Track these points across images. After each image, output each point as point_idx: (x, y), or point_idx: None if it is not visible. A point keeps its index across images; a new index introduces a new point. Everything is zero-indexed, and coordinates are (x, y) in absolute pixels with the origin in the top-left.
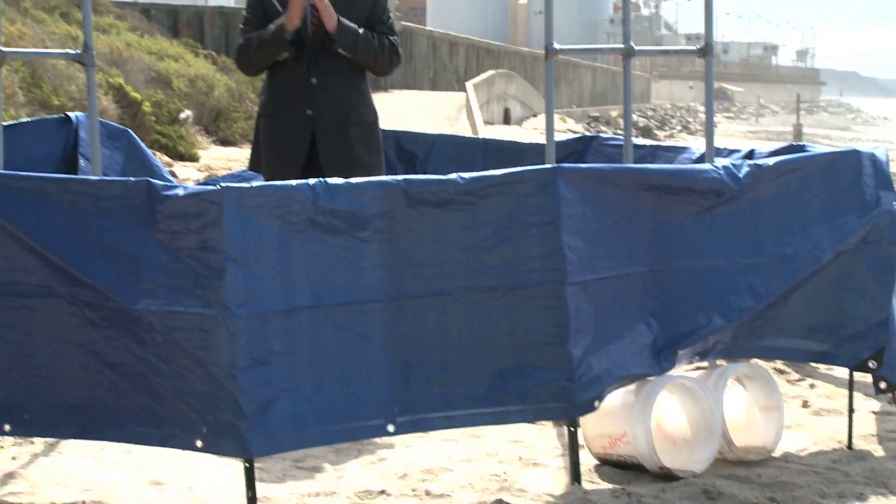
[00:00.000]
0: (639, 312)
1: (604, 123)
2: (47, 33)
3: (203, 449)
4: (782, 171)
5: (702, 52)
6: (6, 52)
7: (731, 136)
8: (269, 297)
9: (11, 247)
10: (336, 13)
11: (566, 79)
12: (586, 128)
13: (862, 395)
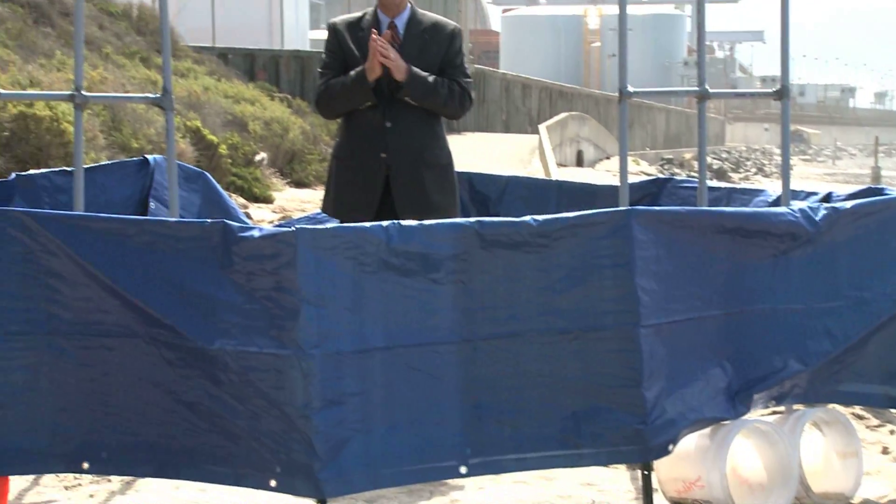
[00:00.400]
0: (713, 356)
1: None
2: (128, 78)
3: (277, 489)
4: (860, 214)
5: (778, 94)
6: (88, 97)
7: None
8: (343, 338)
9: (91, 287)
10: (406, 62)
11: (640, 121)
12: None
13: None
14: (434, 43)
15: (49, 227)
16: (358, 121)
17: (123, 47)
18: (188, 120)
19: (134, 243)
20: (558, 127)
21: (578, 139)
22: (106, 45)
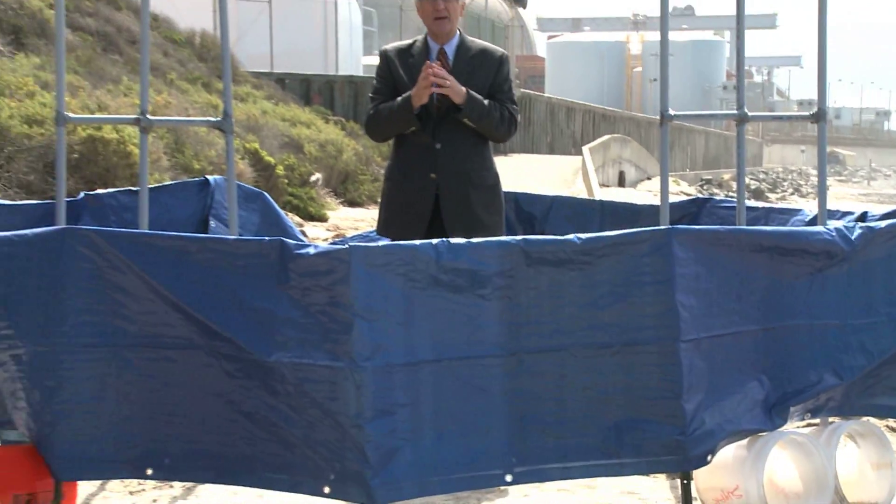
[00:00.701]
0: (751, 369)
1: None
2: (190, 102)
3: (330, 495)
4: (895, 233)
5: (815, 117)
6: (152, 121)
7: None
8: (394, 351)
9: (155, 301)
10: (463, 85)
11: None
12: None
13: None
14: (483, 69)
15: (116, 245)
16: (409, 143)
17: (186, 73)
18: (247, 142)
19: (195, 260)
20: (601, 148)
21: (620, 160)
22: (170, 71)
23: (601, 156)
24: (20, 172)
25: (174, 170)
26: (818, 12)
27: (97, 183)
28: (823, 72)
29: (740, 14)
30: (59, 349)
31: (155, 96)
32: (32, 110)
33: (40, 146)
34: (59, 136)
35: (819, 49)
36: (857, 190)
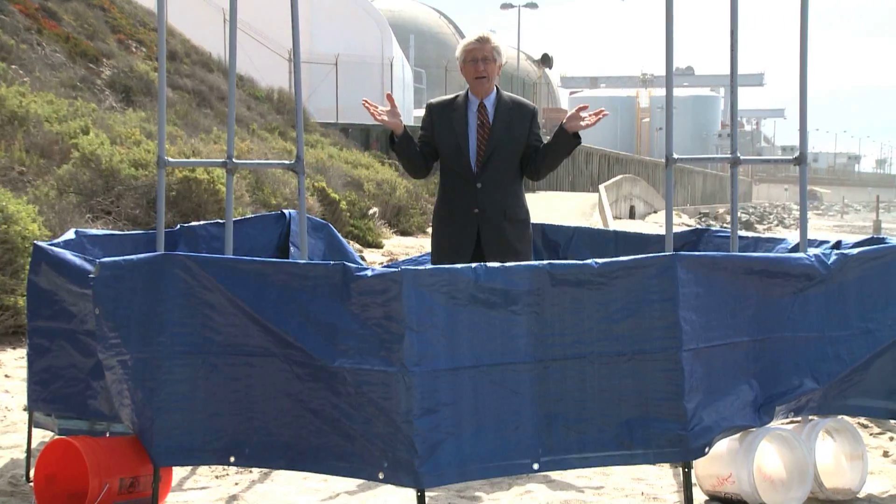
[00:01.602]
0: (743, 374)
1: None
2: (269, 148)
3: (384, 480)
4: (865, 258)
5: (796, 161)
6: (237, 163)
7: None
8: (439, 358)
9: (238, 316)
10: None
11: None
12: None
13: None
14: (518, 120)
15: (206, 268)
16: (454, 183)
17: (266, 124)
18: (316, 181)
19: (272, 281)
20: (614, 187)
21: (631, 196)
22: (252, 122)
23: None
24: (128, 207)
25: (255, 205)
26: (800, 74)
27: (191, 216)
28: (804, 123)
29: (733, 74)
30: (157, 356)
31: (239, 143)
32: (138, 156)
33: (144, 185)
34: (159, 177)
35: (801, 104)
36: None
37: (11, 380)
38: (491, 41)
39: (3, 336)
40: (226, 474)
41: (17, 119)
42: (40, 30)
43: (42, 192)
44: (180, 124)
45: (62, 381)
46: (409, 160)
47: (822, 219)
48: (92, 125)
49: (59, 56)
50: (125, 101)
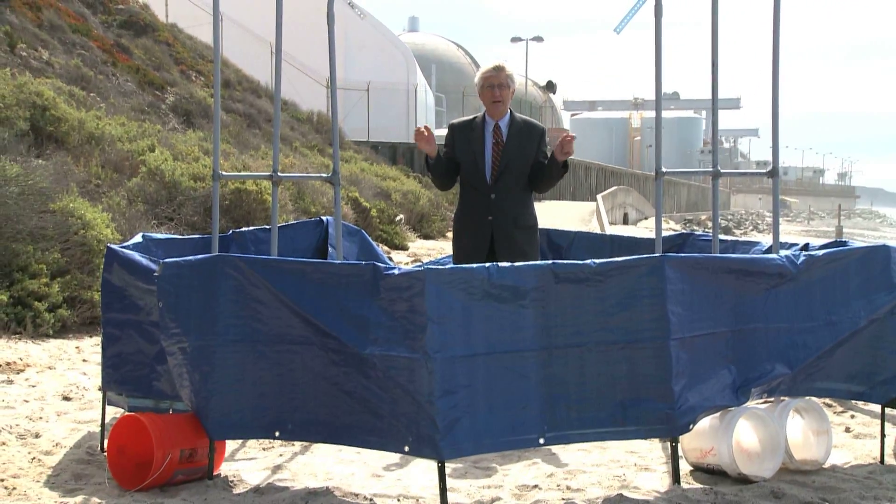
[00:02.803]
0: (722, 361)
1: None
2: (309, 163)
3: (409, 453)
4: (829, 259)
5: (769, 174)
6: (281, 176)
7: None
8: (456, 346)
9: (282, 309)
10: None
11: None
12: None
13: (890, 424)
14: (528, 139)
15: (254, 268)
16: (472, 195)
17: (306, 142)
18: (350, 192)
19: (311, 279)
20: (610, 196)
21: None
22: (294, 140)
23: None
24: (187, 215)
25: (296, 212)
26: (772, 99)
27: (241, 222)
28: (776, 141)
29: (714, 99)
30: (212, 344)
31: (283, 159)
32: (196, 170)
33: (201, 196)
34: (214, 188)
35: (773, 124)
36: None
37: (88, 364)
38: (506, 69)
39: (82, 326)
40: (271, 447)
41: (94, 139)
42: (115, 62)
43: (114, 202)
44: (233, 143)
45: (131, 365)
46: (442, 177)
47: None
48: (157, 144)
49: (130, 85)
50: (186, 122)
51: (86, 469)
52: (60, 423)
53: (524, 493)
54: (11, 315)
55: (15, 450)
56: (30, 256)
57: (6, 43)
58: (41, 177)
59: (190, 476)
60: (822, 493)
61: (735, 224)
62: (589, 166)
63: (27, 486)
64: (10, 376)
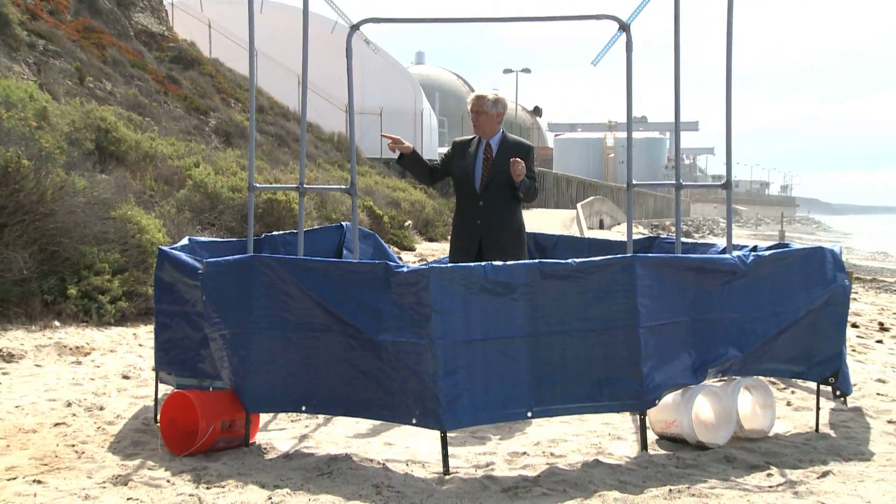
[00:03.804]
0: (683, 345)
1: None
2: (330, 176)
3: (417, 424)
4: (774, 259)
5: (723, 186)
6: (307, 188)
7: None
8: (457, 333)
9: (307, 301)
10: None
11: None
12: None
13: (824, 398)
14: (516, 155)
15: (283, 266)
16: (464, 202)
17: (328, 158)
18: (365, 201)
19: (332, 276)
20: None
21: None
22: (318, 157)
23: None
24: (227, 221)
25: (320, 219)
26: (726, 123)
27: (272, 227)
28: (729, 158)
29: (677, 122)
30: (247, 331)
31: (308, 173)
32: (234, 183)
33: (239, 204)
34: (249, 198)
35: (727, 145)
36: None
37: (143, 348)
38: (487, 98)
39: (138, 316)
40: (299, 419)
41: (148, 157)
42: (166, 92)
43: (165, 210)
44: (265, 159)
45: (179, 349)
46: (412, 170)
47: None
48: (201, 161)
49: (179, 110)
50: (226, 142)
51: (142, 437)
52: (121, 398)
53: (514, 458)
54: (80, 306)
55: (83, 420)
56: (94, 257)
57: (76, 76)
58: (104, 189)
59: (229, 444)
60: (767, 458)
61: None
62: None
63: (93, 451)
64: (79, 358)
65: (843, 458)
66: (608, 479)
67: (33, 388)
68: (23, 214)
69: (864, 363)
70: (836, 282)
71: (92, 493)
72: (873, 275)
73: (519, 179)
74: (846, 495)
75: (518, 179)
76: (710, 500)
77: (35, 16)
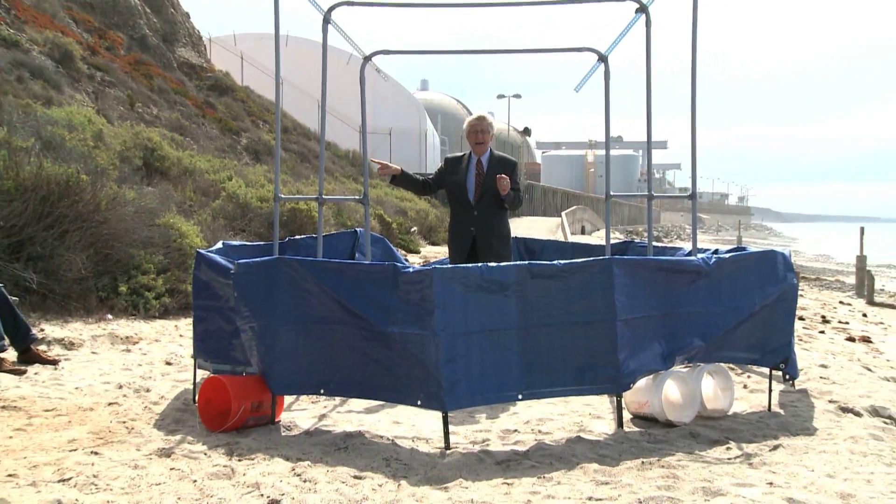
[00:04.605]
0: (655, 336)
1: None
2: (346, 188)
3: (421, 406)
4: (733, 260)
5: (689, 197)
6: (325, 198)
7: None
8: (456, 326)
9: (325, 298)
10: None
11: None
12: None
13: (776, 382)
14: (503, 170)
15: (305, 267)
16: (459, 211)
17: (344, 173)
18: (376, 210)
19: (347, 275)
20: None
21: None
22: (335, 171)
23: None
24: (255, 227)
25: (336, 225)
26: (691, 143)
27: (295, 232)
28: (694, 173)
29: (648, 142)
30: (273, 323)
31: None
32: (262, 194)
33: (266, 213)
34: (275, 207)
35: (692, 161)
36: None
37: (184, 338)
38: (486, 119)
39: (179, 310)
40: (318, 401)
41: (188, 172)
42: (204, 115)
43: (202, 218)
44: (289, 174)
45: (214, 339)
46: (405, 188)
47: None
48: (234, 175)
49: (215, 131)
50: (255, 159)
51: (182, 415)
52: (164, 382)
53: (507, 435)
54: (129, 301)
55: (132, 400)
56: (142, 258)
57: (128, 102)
58: (150, 200)
59: (258, 422)
60: (726, 433)
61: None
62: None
63: (141, 427)
64: (129, 347)
65: (791, 433)
66: (589, 453)
67: (90, 372)
68: (81, 222)
69: (808, 351)
70: (786, 281)
71: (140, 464)
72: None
73: (504, 193)
74: (793, 465)
75: (504, 193)
76: (677, 471)
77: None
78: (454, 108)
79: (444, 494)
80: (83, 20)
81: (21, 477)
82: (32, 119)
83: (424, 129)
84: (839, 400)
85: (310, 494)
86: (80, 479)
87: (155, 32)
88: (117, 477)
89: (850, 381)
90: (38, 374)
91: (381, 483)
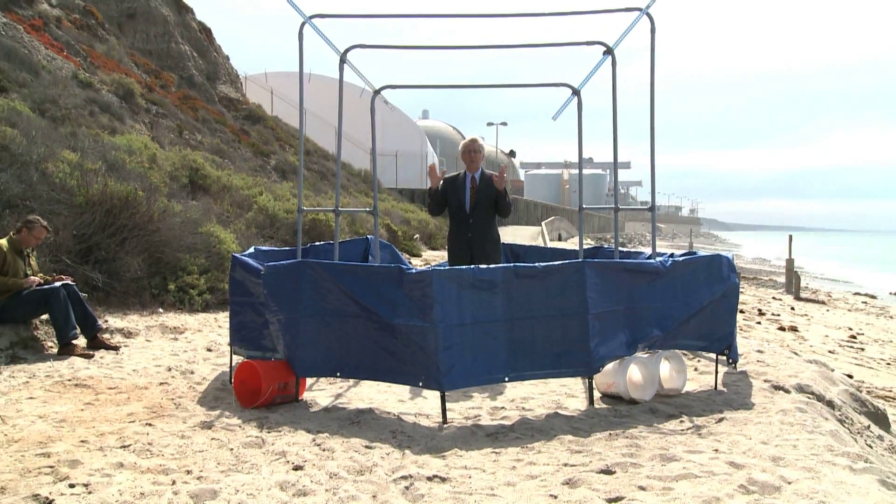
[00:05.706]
0: (620, 327)
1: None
2: (359, 201)
3: (423, 386)
4: (686, 263)
5: (649, 209)
6: (341, 210)
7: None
8: (452, 319)
9: (341, 295)
10: (482, 192)
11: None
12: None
13: (721, 365)
14: (492, 185)
15: (324, 269)
16: (458, 220)
17: (357, 188)
18: (384, 220)
19: (360, 275)
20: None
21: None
22: (350, 187)
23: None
24: (282, 235)
25: (350, 233)
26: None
27: (316, 239)
28: (654, 189)
29: (615, 162)
30: (297, 316)
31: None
32: (288, 206)
33: (291, 223)
34: (298, 218)
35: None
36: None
37: (222, 329)
38: (478, 142)
39: (218, 305)
40: (334, 382)
41: (226, 188)
42: (239, 140)
43: (238, 227)
44: (311, 189)
45: (247, 330)
46: (435, 202)
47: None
48: (264, 190)
49: (248, 153)
50: (282, 177)
51: (221, 394)
52: (206, 366)
53: (496, 412)
54: (176, 297)
55: (179, 381)
56: (187, 261)
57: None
58: (194, 212)
59: (284, 400)
60: (680, 409)
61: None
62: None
63: (187, 404)
64: (177, 336)
65: (733, 408)
66: (565, 426)
67: (145, 357)
68: (138, 231)
69: (748, 339)
70: (730, 280)
71: (186, 434)
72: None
73: (501, 188)
74: (735, 434)
75: (500, 188)
76: (639, 441)
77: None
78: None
79: (442, 461)
80: (143, 63)
81: (90, 443)
82: (100, 146)
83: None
84: (772, 380)
85: (328, 461)
86: (138, 445)
87: (200, 72)
88: (168, 445)
89: (781, 364)
90: (103, 358)
91: (388, 452)
